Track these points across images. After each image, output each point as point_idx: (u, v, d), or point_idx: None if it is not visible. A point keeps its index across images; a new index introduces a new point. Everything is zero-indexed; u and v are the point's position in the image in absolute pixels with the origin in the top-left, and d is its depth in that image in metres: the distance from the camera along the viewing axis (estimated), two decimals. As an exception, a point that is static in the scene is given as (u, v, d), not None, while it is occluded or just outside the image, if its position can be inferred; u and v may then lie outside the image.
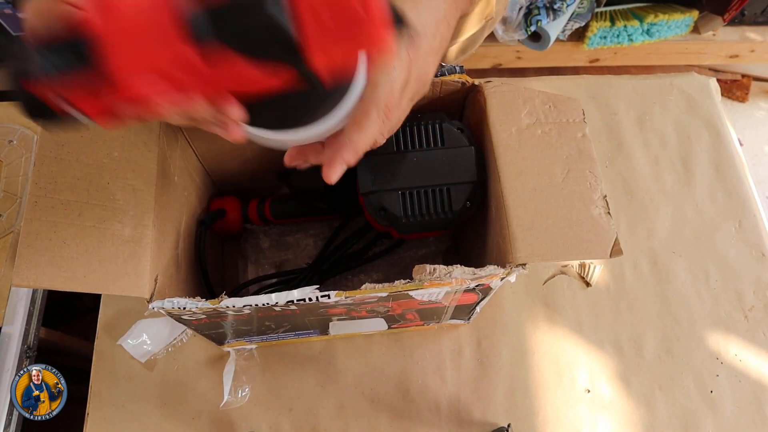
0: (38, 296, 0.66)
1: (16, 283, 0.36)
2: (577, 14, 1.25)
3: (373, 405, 0.59)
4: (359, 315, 0.51)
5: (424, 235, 0.60)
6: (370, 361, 0.61)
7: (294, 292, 0.40)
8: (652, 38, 1.35)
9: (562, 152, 0.43)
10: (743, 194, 0.71)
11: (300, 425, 0.58)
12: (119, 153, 0.41)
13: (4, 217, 0.68)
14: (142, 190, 0.41)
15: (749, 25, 1.40)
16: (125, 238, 0.39)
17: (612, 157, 0.73)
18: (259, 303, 0.40)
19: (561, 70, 1.47)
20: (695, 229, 0.69)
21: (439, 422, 0.58)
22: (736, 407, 0.61)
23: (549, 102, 0.45)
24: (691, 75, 0.78)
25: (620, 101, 0.76)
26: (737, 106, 1.62)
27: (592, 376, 0.61)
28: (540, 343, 0.62)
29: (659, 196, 0.71)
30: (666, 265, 0.67)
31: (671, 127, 0.75)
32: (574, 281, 0.66)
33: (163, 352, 0.60)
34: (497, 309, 0.64)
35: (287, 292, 0.40)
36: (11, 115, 0.74)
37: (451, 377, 0.60)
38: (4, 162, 0.71)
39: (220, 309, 0.41)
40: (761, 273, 0.67)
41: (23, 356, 0.62)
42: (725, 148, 0.74)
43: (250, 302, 0.40)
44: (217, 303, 0.39)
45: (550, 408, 0.60)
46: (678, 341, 0.63)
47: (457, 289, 0.45)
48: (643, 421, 0.60)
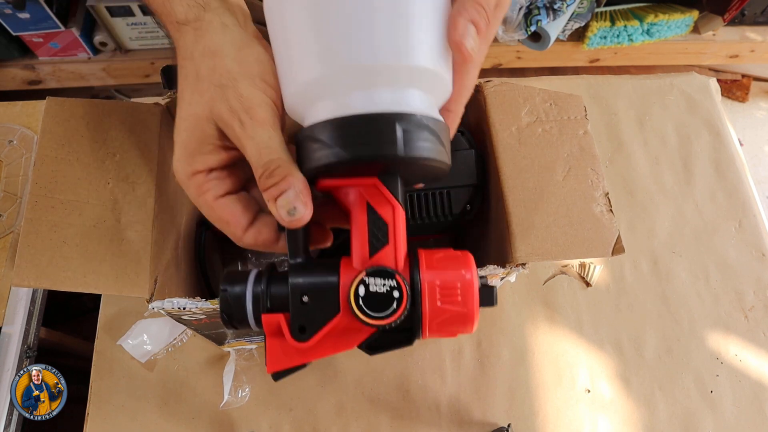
0: (38, 296, 0.66)
1: (16, 282, 0.36)
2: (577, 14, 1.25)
3: (373, 405, 0.59)
4: (359, 315, 0.50)
5: (423, 237, 0.60)
6: (370, 361, 0.61)
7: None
8: (652, 38, 1.35)
9: (563, 150, 0.43)
10: (743, 194, 0.71)
11: (300, 425, 0.58)
12: (120, 153, 0.41)
13: (4, 217, 0.68)
14: (143, 190, 0.41)
15: (749, 25, 1.40)
16: (125, 239, 0.39)
17: (612, 157, 0.73)
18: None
19: (561, 70, 1.47)
20: (695, 229, 0.69)
21: (439, 422, 0.58)
22: (736, 407, 0.61)
23: (550, 100, 0.45)
24: (691, 75, 0.78)
25: (620, 101, 0.76)
26: (737, 106, 1.62)
27: (592, 376, 0.61)
28: (540, 343, 0.62)
29: (659, 196, 0.71)
30: (666, 265, 0.67)
31: (671, 127, 0.75)
32: (574, 281, 0.66)
33: (163, 352, 0.60)
34: (497, 309, 0.64)
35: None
36: (11, 114, 0.74)
37: (451, 377, 0.60)
38: (4, 162, 0.71)
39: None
40: (761, 273, 0.67)
41: (23, 356, 0.62)
42: (725, 148, 0.74)
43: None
44: (217, 303, 0.39)
45: (550, 408, 0.60)
46: (678, 341, 0.63)
47: (457, 289, 0.45)
48: (643, 421, 0.60)
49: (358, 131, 0.27)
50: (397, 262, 0.30)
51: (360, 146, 0.27)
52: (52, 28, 1.17)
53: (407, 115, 0.27)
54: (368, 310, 0.28)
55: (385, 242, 0.30)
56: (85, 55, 1.27)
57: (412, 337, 0.30)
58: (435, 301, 0.29)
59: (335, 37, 0.27)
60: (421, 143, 0.28)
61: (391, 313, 0.28)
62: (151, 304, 0.39)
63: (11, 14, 1.12)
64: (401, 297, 0.28)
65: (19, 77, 1.31)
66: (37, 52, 1.26)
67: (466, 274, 0.29)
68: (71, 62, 1.29)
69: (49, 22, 1.16)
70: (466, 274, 0.29)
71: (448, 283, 0.29)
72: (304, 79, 0.28)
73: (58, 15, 1.15)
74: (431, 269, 0.29)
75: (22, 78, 1.31)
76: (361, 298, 0.28)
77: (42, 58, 1.28)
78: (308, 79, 0.28)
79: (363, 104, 0.27)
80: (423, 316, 0.29)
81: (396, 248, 0.30)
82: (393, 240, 0.30)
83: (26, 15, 1.13)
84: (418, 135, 0.27)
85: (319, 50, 0.28)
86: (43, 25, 1.17)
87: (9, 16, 1.13)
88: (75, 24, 1.19)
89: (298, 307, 0.29)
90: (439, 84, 0.30)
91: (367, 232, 0.30)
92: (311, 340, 0.29)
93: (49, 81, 1.34)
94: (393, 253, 0.30)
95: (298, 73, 0.29)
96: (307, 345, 0.29)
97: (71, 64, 1.29)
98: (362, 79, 0.28)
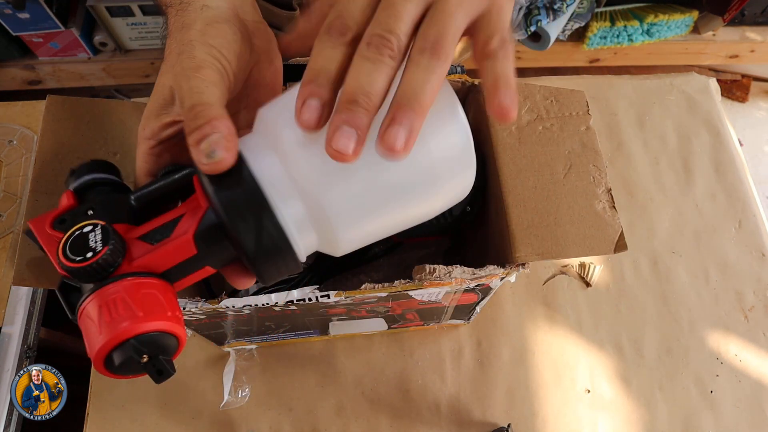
0: (38, 296, 0.66)
1: (16, 282, 0.36)
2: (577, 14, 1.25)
3: (373, 405, 0.59)
4: (359, 315, 0.50)
5: (423, 238, 0.60)
6: (370, 361, 0.61)
7: (294, 292, 0.40)
8: (652, 38, 1.35)
9: (564, 147, 0.43)
10: (743, 194, 0.71)
11: (300, 425, 0.58)
12: (120, 153, 0.41)
13: (4, 217, 0.68)
14: (142, 189, 0.40)
15: (749, 25, 1.40)
16: (125, 238, 0.39)
17: (612, 157, 0.73)
18: (258, 303, 0.40)
19: (561, 70, 1.47)
20: (695, 229, 0.69)
21: (439, 422, 0.58)
22: (736, 407, 0.61)
23: (551, 96, 0.45)
24: (691, 75, 0.78)
25: (620, 101, 0.76)
26: (737, 106, 1.62)
27: (592, 376, 0.61)
28: (540, 343, 0.62)
29: (659, 196, 0.71)
30: (666, 265, 0.67)
31: (671, 127, 0.75)
32: (574, 281, 0.66)
33: (163, 352, 0.60)
34: (497, 309, 0.64)
35: (287, 292, 0.40)
36: (11, 114, 0.74)
37: (451, 377, 0.60)
38: (4, 162, 0.71)
39: (220, 309, 0.41)
40: (761, 273, 0.67)
41: (23, 356, 0.62)
42: (725, 149, 0.74)
43: (250, 302, 0.40)
44: (216, 303, 0.39)
45: (550, 408, 0.60)
46: (678, 341, 0.63)
47: (456, 289, 0.44)
48: (643, 421, 0.60)
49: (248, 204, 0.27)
50: (150, 260, 0.28)
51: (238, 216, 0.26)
52: (52, 28, 1.18)
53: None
54: (69, 251, 0.26)
55: (162, 239, 0.28)
56: (85, 55, 1.27)
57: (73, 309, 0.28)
58: (106, 295, 0.26)
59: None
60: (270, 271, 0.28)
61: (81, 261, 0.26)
62: (151, 304, 0.38)
63: (11, 14, 1.12)
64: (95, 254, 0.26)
65: (19, 77, 1.31)
66: (37, 52, 1.26)
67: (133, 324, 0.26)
68: (71, 62, 1.29)
69: (49, 22, 1.16)
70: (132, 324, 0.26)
71: (120, 302, 0.26)
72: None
73: (58, 15, 1.15)
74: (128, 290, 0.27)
75: (22, 78, 1.32)
76: (70, 241, 0.27)
77: (42, 58, 1.28)
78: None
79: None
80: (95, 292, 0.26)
81: (161, 255, 0.28)
82: (165, 249, 0.28)
83: (26, 15, 1.13)
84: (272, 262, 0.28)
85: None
86: (43, 25, 1.17)
87: (9, 16, 1.13)
88: (75, 24, 1.20)
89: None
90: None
91: (165, 222, 0.29)
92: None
93: (49, 81, 1.34)
94: (160, 254, 0.28)
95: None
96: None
97: (71, 64, 1.29)
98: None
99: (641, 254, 0.67)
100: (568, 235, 0.40)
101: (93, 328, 0.26)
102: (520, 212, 0.41)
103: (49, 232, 0.28)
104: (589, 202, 0.41)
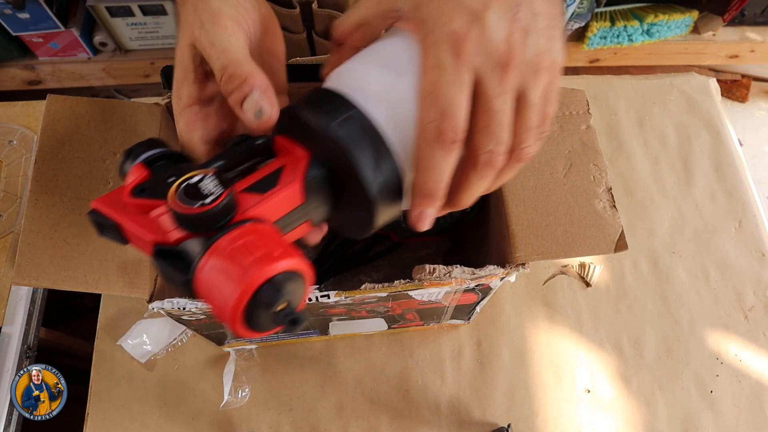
0: (38, 296, 0.66)
1: (16, 281, 0.36)
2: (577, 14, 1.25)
3: (373, 405, 0.59)
4: (359, 315, 0.50)
5: (423, 239, 0.60)
6: (370, 361, 0.61)
7: (294, 292, 0.40)
8: (652, 38, 1.35)
9: (565, 146, 0.43)
10: (743, 194, 0.71)
11: (300, 425, 0.58)
12: (120, 152, 0.41)
13: (4, 217, 0.68)
14: (143, 189, 0.40)
15: (749, 25, 1.40)
16: (125, 238, 0.39)
17: (612, 157, 0.73)
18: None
19: (561, 70, 1.47)
20: (695, 229, 0.69)
21: (439, 422, 0.58)
22: (736, 407, 0.61)
23: None
24: (691, 75, 0.78)
25: (620, 101, 0.76)
26: (737, 106, 1.62)
27: (592, 376, 0.61)
28: (540, 343, 0.62)
29: (659, 196, 0.71)
30: (666, 265, 0.67)
31: (671, 127, 0.75)
32: (574, 281, 0.66)
33: (163, 352, 0.60)
34: (497, 309, 0.64)
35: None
36: (11, 115, 0.74)
37: (451, 377, 0.60)
38: (4, 162, 0.71)
39: (221, 308, 0.41)
40: (761, 273, 0.67)
41: (23, 356, 0.62)
42: (725, 148, 0.74)
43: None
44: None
45: (550, 408, 0.60)
46: (678, 341, 0.63)
47: (456, 289, 0.44)
48: (643, 421, 0.60)
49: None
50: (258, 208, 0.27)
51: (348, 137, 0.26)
52: (52, 28, 1.18)
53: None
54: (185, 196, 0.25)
55: (267, 190, 0.27)
56: (84, 55, 1.27)
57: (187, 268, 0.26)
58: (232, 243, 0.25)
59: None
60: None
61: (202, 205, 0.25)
62: (151, 304, 0.39)
63: (11, 14, 1.12)
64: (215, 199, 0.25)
65: (19, 77, 1.31)
66: (37, 52, 1.26)
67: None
68: (71, 62, 1.29)
69: (49, 22, 1.16)
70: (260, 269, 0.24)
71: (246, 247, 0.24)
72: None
73: (58, 15, 1.15)
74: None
75: (22, 78, 1.31)
76: (181, 190, 0.25)
77: (42, 58, 1.28)
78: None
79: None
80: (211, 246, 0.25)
81: (271, 203, 0.27)
82: (276, 197, 0.27)
83: (26, 15, 1.13)
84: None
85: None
86: (43, 25, 1.17)
87: (9, 16, 1.13)
88: (75, 24, 1.19)
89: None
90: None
91: (265, 175, 0.28)
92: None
93: (48, 81, 1.34)
94: (270, 203, 0.27)
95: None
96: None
97: (71, 64, 1.29)
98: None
99: (641, 254, 0.67)
100: (569, 235, 0.40)
101: (222, 280, 0.24)
102: (520, 212, 0.40)
103: (130, 201, 0.27)
104: (589, 201, 0.41)
